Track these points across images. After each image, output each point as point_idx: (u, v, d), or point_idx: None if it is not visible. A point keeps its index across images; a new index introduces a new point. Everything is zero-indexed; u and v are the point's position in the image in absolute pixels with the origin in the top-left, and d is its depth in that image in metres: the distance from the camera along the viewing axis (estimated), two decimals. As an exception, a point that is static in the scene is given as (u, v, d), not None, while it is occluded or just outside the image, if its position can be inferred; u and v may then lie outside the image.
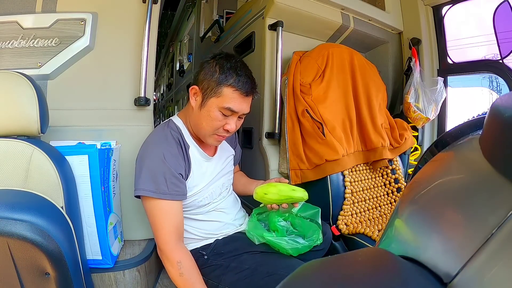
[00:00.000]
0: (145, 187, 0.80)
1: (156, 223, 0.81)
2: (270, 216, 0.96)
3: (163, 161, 0.81)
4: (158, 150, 0.83)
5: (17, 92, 0.76)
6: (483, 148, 0.30)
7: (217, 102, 0.83)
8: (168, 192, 0.80)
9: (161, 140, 0.86)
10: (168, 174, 0.81)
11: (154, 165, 0.81)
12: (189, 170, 0.88)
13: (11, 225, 0.57)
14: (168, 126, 0.91)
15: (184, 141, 0.89)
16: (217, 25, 2.05)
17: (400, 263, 0.28)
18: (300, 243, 0.86)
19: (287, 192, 0.87)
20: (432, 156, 0.41)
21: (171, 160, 0.82)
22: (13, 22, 0.99)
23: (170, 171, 0.81)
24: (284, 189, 0.88)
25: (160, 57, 5.52)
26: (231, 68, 0.83)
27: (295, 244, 0.85)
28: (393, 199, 1.31)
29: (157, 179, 0.80)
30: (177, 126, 0.92)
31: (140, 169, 0.83)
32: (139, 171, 0.83)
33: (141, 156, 0.85)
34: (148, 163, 0.82)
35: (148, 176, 0.81)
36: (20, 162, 0.73)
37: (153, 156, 0.82)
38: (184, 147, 0.88)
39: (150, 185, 0.80)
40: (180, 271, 0.78)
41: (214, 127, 0.85)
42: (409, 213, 0.35)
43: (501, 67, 1.36)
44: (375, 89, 1.35)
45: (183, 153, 0.87)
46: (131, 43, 1.09)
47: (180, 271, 0.78)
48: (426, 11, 1.58)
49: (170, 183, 0.81)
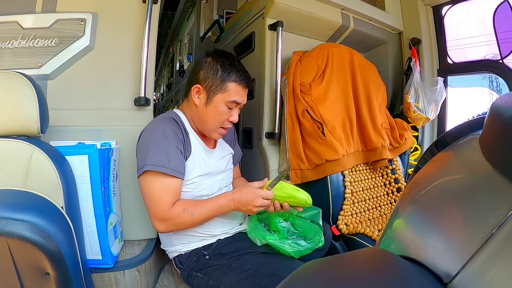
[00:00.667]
0: (149, 162, 0.81)
1: (155, 196, 0.81)
2: (271, 216, 0.96)
3: (163, 136, 0.84)
4: (158, 127, 0.86)
5: (17, 92, 0.76)
6: (483, 148, 0.30)
7: (223, 97, 0.90)
8: (170, 167, 0.81)
9: (161, 120, 0.89)
10: (170, 150, 0.83)
11: (156, 142, 0.83)
12: (189, 151, 0.90)
13: (11, 225, 0.57)
14: (169, 113, 0.95)
15: (184, 126, 0.92)
16: (217, 25, 2.05)
17: (400, 263, 0.28)
18: (302, 245, 0.86)
19: (291, 191, 0.86)
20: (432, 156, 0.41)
21: (171, 135, 0.85)
22: (13, 22, 1.00)
23: (172, 146, 0.83)
24: (288, 187, 0.87)
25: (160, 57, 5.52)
26: (231, 65, 0.90)
27: (297, 247, 0.85)
28: (393, 199, 1.31)
29: (160, 154, 0.81)
30: (177, 115, 0.95)
31: (142, 148, 0.85)
32: (141, 151, 0.85)
33: (142, 137, 0.88)
34: (150, 141, 0.84)
35: (151, 152, 0.82)
36: (20, 162, 0.73)
37: (153, 133, 0.85)
38: (184, 130, 0.91)
39: (153, 159, 0.81)
40: (189, 213, 0.81)
41: (221, 120, 0.92)
42: (409, 213, 0.35)
43: (501, 67, 1.36)
44: (375, 89, 1.35)
45: (182, 133, 0.89)
46: (131, 43, 1.10)
47: (189, 213, 0.81)
48: (426, 11, 1.58)
49: (172, 158, 0.82)
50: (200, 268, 0.89)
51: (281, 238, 0.87)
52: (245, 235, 0.95)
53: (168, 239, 0.94)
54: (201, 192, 0.92)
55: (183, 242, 0.92)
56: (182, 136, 0.89)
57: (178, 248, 0.92)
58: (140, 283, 0.98)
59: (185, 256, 0.92)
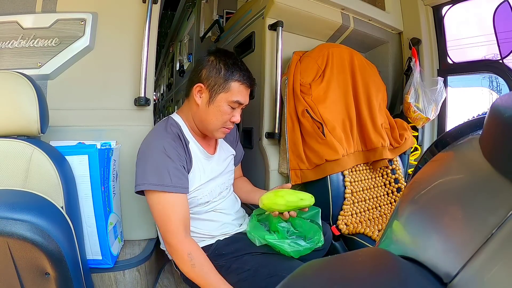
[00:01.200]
0: (149, 181, 0.80)
1: (162, 216, 0.81)
2: (270, 216, 0.96)
3: (164, 153, 0.82)
4: (159, 143, 0.84)
5: (17, 92, 0.76)
6: (483, 148, 0.30)
7: (226, 96, 0.88)
8: (172, 184, 0.80)
9: (161, 134, 0.88)
10: (171, 167, 0.81)
11: (156, 159, 0.82)
12: (190, 163, 0.89)
13: (11, 225, 0.57)
14: (168, 122, 0.93)
15: (184, 136, 0.91)
16: (217, 25, 2.05)
17: (400, 263, 0.28)
18: (302, 245, 0.86)
19: (296, 203, 0.87)
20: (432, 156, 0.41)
21: (172, 152, 0.83)
22: (13, 22, 1.00)
23: (173, 163, 0.82)
24: (293, 199, 0.88)
25: (160, 57, 5.52)
26: (234, 64, 0.89)
27: (296, 247, 0.85)
28: (393, 199, 1.31)
29: (161, 172, 0.80)
30: (176, 122, 0.93)
31: (142, 163, 0.83)
32: (141, 166, 0.83)
33: (142, 152, 0.86)
34: (150, 157, 0.82)
35: (151, 170, 0.81)
36: (20, 162, 0.73)
37: (154, 150, 0.83)
38: (184, 141, 0.90)
39: (153, 178, 0.80)
40: (191, 262, 0.78)
41: (223, 120, 0.90)
42: (409, 213, 0.35)
43: (501, 67, 1.36)
44: (375, 89, 1.35)
45: (183, 146, 0.88)
46: (131, 43, 1.10)
47: (191, 262, 0.78)
48: (426, 11, 1.58)
49: (174, 175, 0.81)
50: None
51: (280, 238, 0.87)
52: (244, 235, 0.95)
53: (168, 239, 0.94)
54: (201, 199, 0.91)
55: (183, 243, 0.92)
56: (183, 151, 0.87)
57: (178, 248, 0.92)
58: (140, 283, 0.98)
59: (185, 256, 0.92)
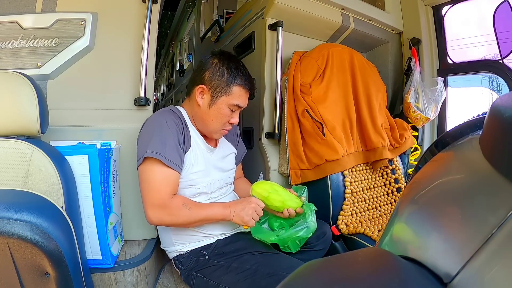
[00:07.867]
0: (150, 149, 0.81)
1: (153, 184, 0.81)
2: (269, 218, 0.98)
3: (165, 126, 0.85)
4: (161, 118, 0.87)
5: (17, 92, 0.76)
6: (483, 148, 0.30)
7: (227, 99, 0.91)
8: (167, 157, 0.82)
9: (163, 112, 0.91)
10: (169, 141, 0.83)
11: (157, 131, 0.84)
12: (188, 144, 0.91)
13: (11, 225, 0.57)
14: (170, 107, 0.96)
15: (184, 121, 0.93)
16: (217, 25, 2.05)
17: (400, 263, 0.28)
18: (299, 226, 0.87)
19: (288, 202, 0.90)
20: (432, 156, 0.41)
21: (172, 125, 0.86)
22: (13, 22, 0.99)
23: (171, 138, 0.84)
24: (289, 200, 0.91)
25: (160, 57, 5.52)
26: (237, 68, 0.92)
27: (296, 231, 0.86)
28: (393, 199, 1.31)
29: (160, 144, 0.82)
30: (178, 110, 0.95)
31: (143, 137, 0.86)
32: (142, 139, 0.85)
33: (144, 128, 0.89)
34: (151, 131, 0.85)
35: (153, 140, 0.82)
36: (20, 162, 0.73)
37: (155, 124, 0.86)
38: (184, 124, 0.92)
39: (154, 147, 0.81)
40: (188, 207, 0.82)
41: (222, 122, 0.93)
42: (409, 213, 0.35)
43: (501, 67, 1.36)
44: (375, 89, 1.34)
45: (182, 125, 0.90)
46: (131, 43, 1.10)
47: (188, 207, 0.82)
48: (426, 11, 1.58)
49: (169, 150, 0.82)
50: (199, 268, 0.89)
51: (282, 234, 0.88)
52: (244, 235, 0.95)
53: (168, 239, 0.94)
54: (199, 189, 0.92)
55: (183, 242, 0.92)
56: (182, 127, 0.90)
57: (177, 248, 0.93)
58: (140, 283, 0.98)
59: (185, 256, 0.92)
